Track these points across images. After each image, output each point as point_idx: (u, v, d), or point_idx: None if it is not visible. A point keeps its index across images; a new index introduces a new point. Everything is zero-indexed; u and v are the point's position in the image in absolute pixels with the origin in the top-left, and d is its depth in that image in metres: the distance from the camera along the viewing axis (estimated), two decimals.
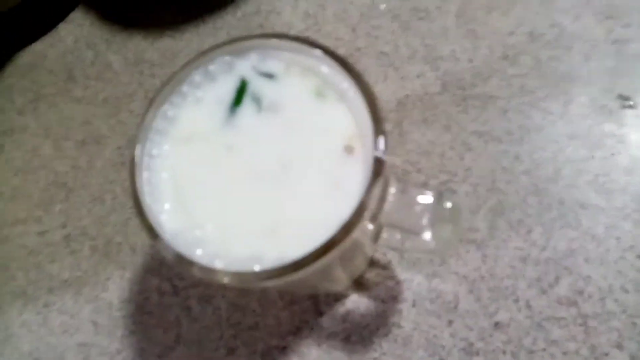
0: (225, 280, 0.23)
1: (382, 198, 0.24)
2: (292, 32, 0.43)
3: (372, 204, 0.23)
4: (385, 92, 0.39)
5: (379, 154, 0.23)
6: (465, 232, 0.34)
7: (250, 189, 0.25)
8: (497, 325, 0.32)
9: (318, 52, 0.25)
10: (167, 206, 0.25)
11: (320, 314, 0.34)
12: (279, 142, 0.25)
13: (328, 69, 0.26)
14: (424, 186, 0.36)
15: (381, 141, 0.23)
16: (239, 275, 0.22)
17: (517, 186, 0.34)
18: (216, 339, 0.35)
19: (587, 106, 0.36)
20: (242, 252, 0.24)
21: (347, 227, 0.22)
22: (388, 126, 0.38)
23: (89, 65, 0.45)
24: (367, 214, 0.23)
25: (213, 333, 0.35)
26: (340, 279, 0.31)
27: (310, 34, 0.43)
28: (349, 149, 0.25)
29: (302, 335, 0.34)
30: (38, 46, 0.48)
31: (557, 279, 0.32)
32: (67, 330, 0.37)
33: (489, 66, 0.38)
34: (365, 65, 0.41)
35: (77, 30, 0.48)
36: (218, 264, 0.23)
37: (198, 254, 0.24)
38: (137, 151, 0.26)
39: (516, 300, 0.32)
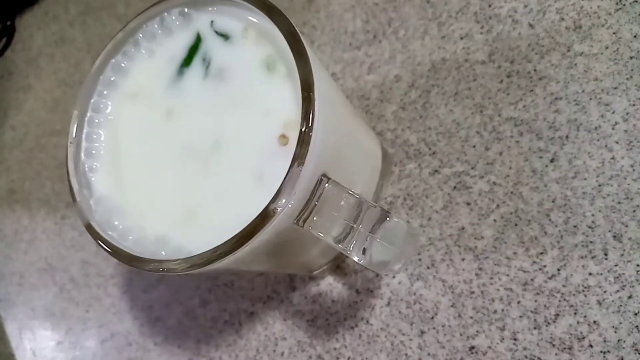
0: (122, 261, 0.21)
1: (309, 202, 0.21)
2: None
3: (290, 202, 0.19)
4: (420, 52, 0.33)
5: (304, 129, 0.19)
6: (466, 239, 0.29)
7: (179, 165, 0.23)
8: (472, 349, 0.28)
9: (265, 15, 0.21)
10: (100, 166, 0.24)
11: (293, 288, 0.32)
12: (216, 117, 0.22)
13: (281, 36, 0.21)
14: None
15: (309, 119, 0.19)
16: (131, 260, 0.21)
17: (543, 195, 0.28)
18: (193, 288, 0.35)
19: None
20: (152, 233, 0.22)
21: (246, 234, 0.19)
22: (413, 94, 0.33)
23: None
24: (283, 213, 0.19)
25: (192, 282, 0.35)
26: (303, 265, 0.29)
27: None
28: (283, 140, 0.21)
29: (271, 306, 0.33)
30: None
31: (556, 316, 0.26)
32: (75, 246, 0.39)
33: (553, 37, 0.30)
34: (405, 15, 0.34)
35: None
36: (129, 241, 0.22)
37: (114, 225, 0.23)
38: (80, 104, 0.24)
39: (502, 329, 0.27)
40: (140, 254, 0.21)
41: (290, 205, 0.19)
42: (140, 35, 0.24)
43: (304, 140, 0.19)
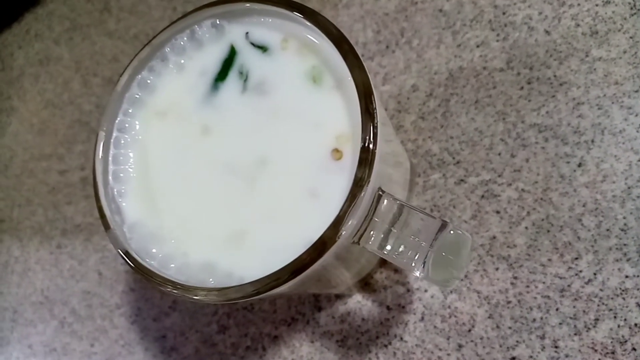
0: (167, 291, 0.20)
1: (366, 219, 0.20)
2: None
3: (353, 223, 0.18)
4: (436, 61, 0.33)
5: (368, 144, 0.18)
6: (498, 248, 0.28)
7: (220, 184, 0.21)
8: None
9: (310, 23, 0.20)
10: (130, 191, 0.22)
11: (319, 309, 0.31)
12: (259, 132, 0.21)
13: (328, 46, 0.20)
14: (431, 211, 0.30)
15: (370, 132, 0.18)
16: (175, 288, 0.19)
17: (574, 200, 0.28)
18: (210, 314, 0.33)
19: None
20: (197, 258, 0.21)
21: (308, 259, 0.18)
22: (432, 103, 0.32)
23: None
24: (346, 235, 0.18)
25: (209, 307, 0.33)
26: (336, 286, 0.28)
27: None
28: (337, 154, 0.20)
29: (296, 328, 0.31)
30: None
31: (596, 321, 0.26)
32: (74, 276, 0.37)
33: (570, 43, 0.30)
34: (418, 24, 0.34)
35: None
36: (171, 269, 0.21)
37: (153, 253, 0.21)
38: (105, 124, 0.23)
39: (542, 337, 0.27)
40: (186, 283, 0.20)
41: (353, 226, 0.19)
42: (168, 49, 0.23)
43: (370, 158, 0.18)
